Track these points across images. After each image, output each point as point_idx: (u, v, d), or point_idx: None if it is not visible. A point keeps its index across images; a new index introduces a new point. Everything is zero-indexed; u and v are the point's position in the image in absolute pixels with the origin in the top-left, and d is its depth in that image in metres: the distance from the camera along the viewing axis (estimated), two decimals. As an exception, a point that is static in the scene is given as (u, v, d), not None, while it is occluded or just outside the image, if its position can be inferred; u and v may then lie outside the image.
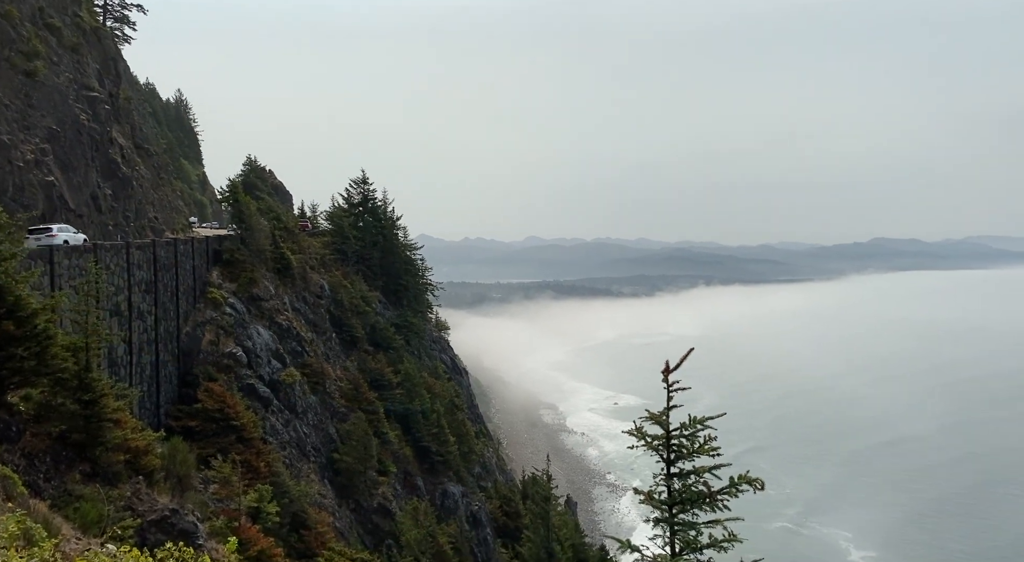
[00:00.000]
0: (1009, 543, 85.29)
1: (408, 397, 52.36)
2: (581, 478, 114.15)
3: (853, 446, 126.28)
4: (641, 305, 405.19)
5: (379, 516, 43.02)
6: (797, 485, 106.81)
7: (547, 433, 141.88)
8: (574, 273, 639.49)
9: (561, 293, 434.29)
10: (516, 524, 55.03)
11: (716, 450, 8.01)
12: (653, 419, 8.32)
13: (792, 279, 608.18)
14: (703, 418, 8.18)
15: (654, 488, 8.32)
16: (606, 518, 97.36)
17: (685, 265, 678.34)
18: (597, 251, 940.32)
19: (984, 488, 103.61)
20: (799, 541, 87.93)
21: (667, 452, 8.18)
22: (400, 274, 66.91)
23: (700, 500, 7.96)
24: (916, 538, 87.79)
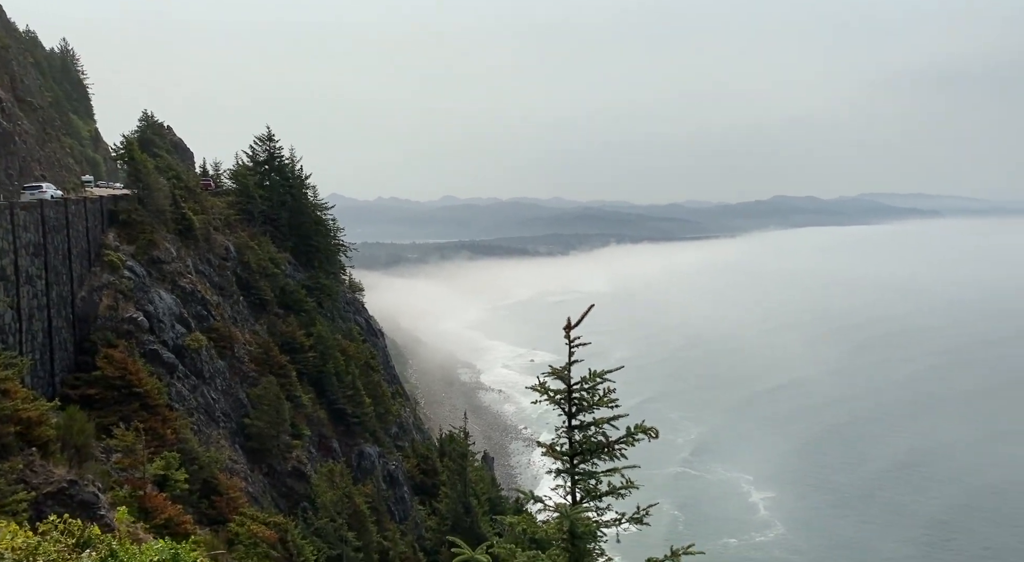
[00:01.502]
0: (877, 471, 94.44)
1: (321, 360, 51.68)
2: (498, 434, 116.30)
3: (748, 392, 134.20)
4: (556, 264, 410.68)
5: (293, 479, 42.67)
6: (701, 432, 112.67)
7: (465, 391, 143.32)
8: (490, 233, 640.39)
9: (477, 253, 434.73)
10: (433, 481, 55.71)
11: (615, 402, 8.32)
12: (555, 374, 8.55)
13: (699, 236, 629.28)
14: (602, 372, 8.46)
15: (556, 440, 8.59)
16: (522, 471, 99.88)
17: (598, 224, 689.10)
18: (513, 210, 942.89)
19: (857, 425, 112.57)
20: (704, 485, 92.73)
21: (568, 406, 8.44)
22: (311, 235, 65.29)
23: (599, 450, 8.28)
24: (805, 473, 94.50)
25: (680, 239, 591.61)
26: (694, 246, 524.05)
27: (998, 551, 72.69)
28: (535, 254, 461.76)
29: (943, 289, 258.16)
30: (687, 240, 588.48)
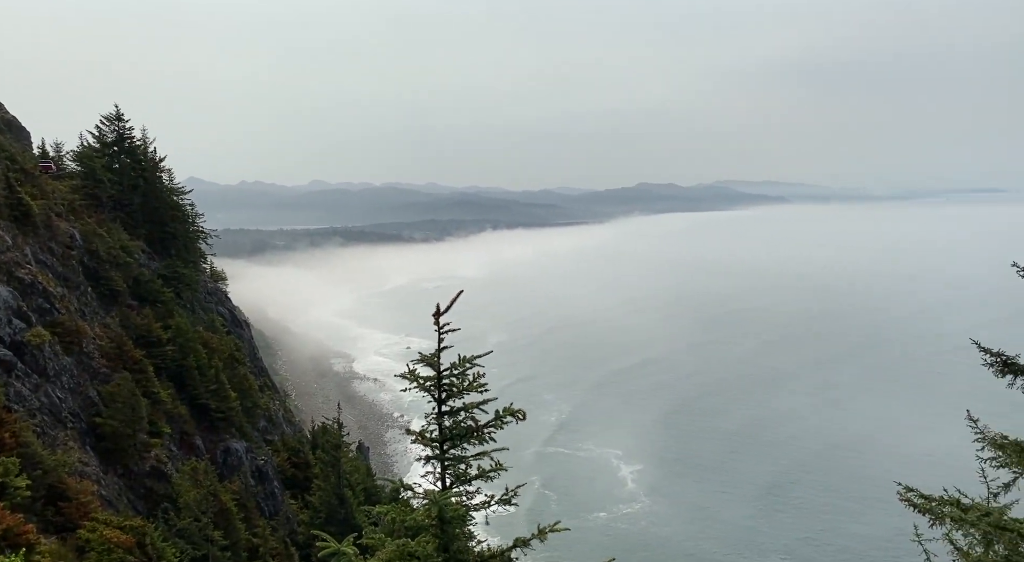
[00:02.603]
0: (726, 439, 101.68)
1: (181, 354, 48.87)
2: (374, 423, 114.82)
3: (613, 369, 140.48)
4: (432, 250, 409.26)
5: (153, 480, 40.24)
6: (570, 410, 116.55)
7: (338, 381, 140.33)
8: (363, 218, 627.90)
9: (350, 239, 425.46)
10: (306, 475, 54.24)
11: (484, 386, 8.37)
12: (425, 361, 8.49)
13: (570, 222, 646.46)
14: (472, 357, 8.49)
15: (426, 427, 8.55)
16: (399, 459, 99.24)
17: (473, 210, 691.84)
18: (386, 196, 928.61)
19: (708, 398, 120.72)
20: (574, 462, 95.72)
21: (438, 392, 8.41)
22: (167, 221, 61.35)
23: (469, 435, 8.32)
24: (666, 445, 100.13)
25: (552, 225, 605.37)
26: (565, 231, 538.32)
27: (832, 505, 79.97)
28: (410, 240, 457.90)
29: (786, 269, 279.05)
30: (559, 226, 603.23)
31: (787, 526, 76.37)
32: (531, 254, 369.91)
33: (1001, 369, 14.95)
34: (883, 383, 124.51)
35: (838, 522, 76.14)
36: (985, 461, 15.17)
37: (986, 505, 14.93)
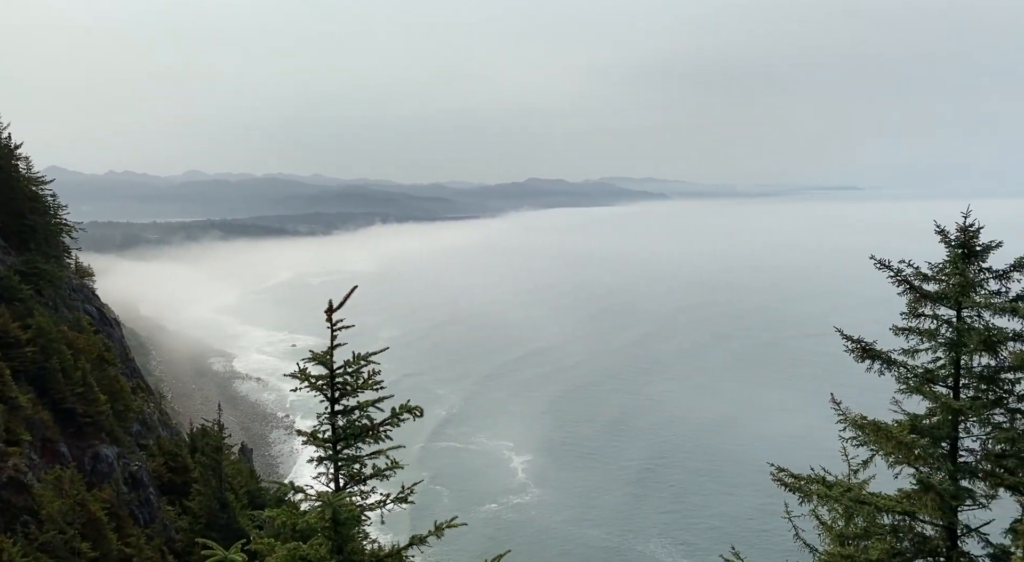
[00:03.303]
0: (608, 425, 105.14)
1: (43, 355, 45.32)
2: (257, 424, 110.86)
3: (503, 360, 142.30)
4: (318, 243, 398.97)
5: (11, 492, 37.14)
6: (463, 403, 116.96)
7: (218, 382, 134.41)
8: (244, 211, 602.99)
9: (230, 233, 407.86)
10: (184, 479, 51.62)
11: (380, 384, 8.25)
12: (317, 359, 8.27)
13: (460, 216, 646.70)
14: (367, 354, 8.34)
15: (318, 427, 8.33)
16: (285, 460, 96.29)
17: (362, 203, 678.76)
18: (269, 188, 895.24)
19: (592, 386, 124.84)
20: (468, 456, 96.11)
21: (331, 391, 8.22)
22: (24, 213, 56.67)
23: (364, 434, 8.18)
24: (554, 434, 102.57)
25: (443, 219, 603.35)
26: (456, 225, 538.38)
27: (703, 486, 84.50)
28: (295, 234, 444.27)
29: (665, 262, 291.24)
30: (450, 219, 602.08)
31: (662, 507, 79.81)
32: (422, 248, 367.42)
33: (861, 355, 16.16)
34: (749, 368, 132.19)
35: (709, 501, 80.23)
36: (846, 440, 16.38)
37: (847, 481, 16.14)
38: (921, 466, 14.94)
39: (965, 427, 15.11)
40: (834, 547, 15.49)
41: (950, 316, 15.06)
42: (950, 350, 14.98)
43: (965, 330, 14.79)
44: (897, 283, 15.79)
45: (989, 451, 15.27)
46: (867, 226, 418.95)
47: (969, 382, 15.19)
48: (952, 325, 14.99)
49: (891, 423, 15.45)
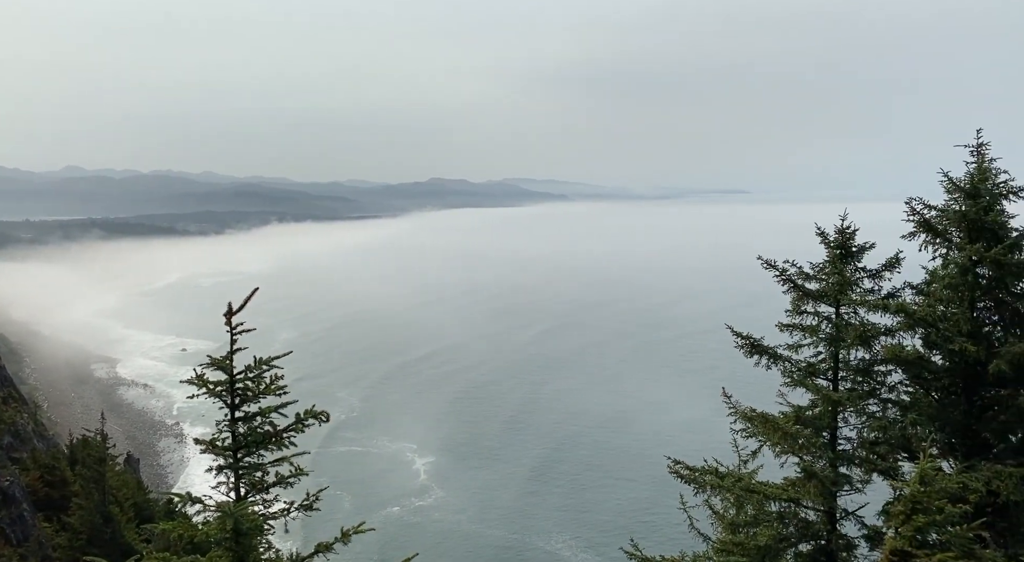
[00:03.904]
0: (508, 422, 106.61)
1: (-102, 364, 41.46)
2: (144, 432, 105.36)
3: (404, 360, 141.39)
4: (210, 243, 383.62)
5: None
6: (365, 405, 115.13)
7: (101, 389, 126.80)
8: (128, 209, 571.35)
9: (113, 232, 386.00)
10: (63, 493, 48.41)
11: (283, 389, 8.03)
12: (216, 364, 7.97)
13: (361, 216, 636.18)
14: (269, 358, 8.11)
15: (217, 435, 8.03)
16: (175, 469, 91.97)
17: (256, 201, 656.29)
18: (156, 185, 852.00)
19: (492, 385, 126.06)
20: (371, 460, 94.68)
21: (231, 397, 7.94)
22: None
23: (266, 441, 7.95)
24: (456, 433, 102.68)
25: (343, 218, 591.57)
26: (357, 225, 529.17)
27: (598, 480, 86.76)
28: (185, 233, 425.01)
29: (566, 262, 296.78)
30: (350, 219, 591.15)
31: (563, 503, 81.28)
32: (321, 248, 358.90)
33: (750, 350, 17.04)
34: (645, 365, 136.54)
35: (608, 495, 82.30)
36: (737, 432, 17.22)
37: (738, 472, 16.97)
38: (804, 455, 15.90)
39: (843, 417, 16.19)
40: (726, 535, 16.26)
41: (830, 313, 16.11)
42: (830, 345, 16.02)
43: (843, 326, 15.85)
44: (782, 282, 16.74)
45: (864, 439, 16.43)
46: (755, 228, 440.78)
47: (847, 375, 16.30)
48: (831, 321, 16.03)
49: (777, 415, 16.36)
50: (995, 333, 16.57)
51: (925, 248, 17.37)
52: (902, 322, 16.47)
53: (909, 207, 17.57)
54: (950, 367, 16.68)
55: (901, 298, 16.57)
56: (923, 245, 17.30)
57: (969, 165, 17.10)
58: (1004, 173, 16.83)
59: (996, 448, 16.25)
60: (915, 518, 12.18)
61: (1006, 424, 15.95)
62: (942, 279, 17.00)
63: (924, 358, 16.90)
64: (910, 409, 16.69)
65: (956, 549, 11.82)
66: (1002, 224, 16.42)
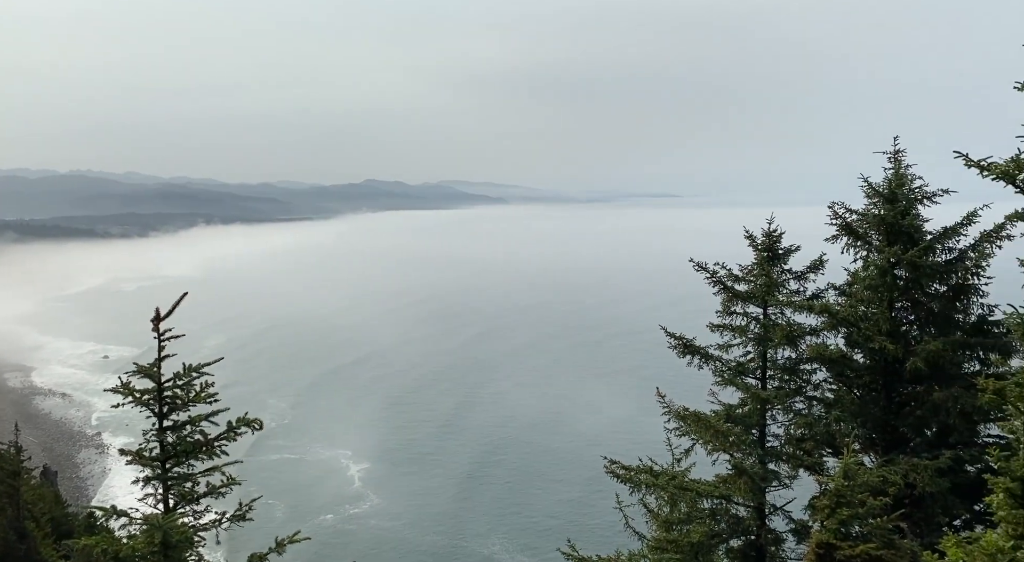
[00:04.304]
0: (441, 426, 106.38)
1: None
2: (62, 444, 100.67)
3: (336, 365, 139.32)
4: (133, 246, 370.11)
5: None
6: (297, 413, 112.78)
7: (15, 399, 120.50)
8: (44, 211, 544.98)
9: (27, 235, 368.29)
10: (-26, 511, 45.85)
11: (214, 397, 7.80)
12: (142, 372, 7.67)
13: (293, 218, 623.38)
14: (200, 365, 7.85)
15: (144, 445, 7.73)
16: (96, 482, 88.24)
17: (182, 203, 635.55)
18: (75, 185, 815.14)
19: (423, 389, 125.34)
20: (304, 467, 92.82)
21: (159, 406, 7.65)
22: None
23: (196, 450, 7.69)
24: (390, 439, 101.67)
25: (275, 220, 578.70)
26: (290, 227, 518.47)
27: (533, 481, 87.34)
28: (106, 236, 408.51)
29: (501, 264, 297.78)
30: (282, 221, 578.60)
31: (499, 506, 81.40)
32: (250, 251, 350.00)
33: (682, 350, 17.44)
34: (578, 366, 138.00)
35: (543, 497, 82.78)
36: (671, 431, 17.58)
37: (672, 470, 17.33)
38: (735, 452, 16.37)
39: (771, 415, 16.75)
40: (660, 533, 16.59)
41: (758, 313, 16.65)
42: (758, 344, 16.56)
43: (770, 326, 16.41)
44: (713, 284, 17.22)
45: (791, 436, 17.02)
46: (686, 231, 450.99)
47: (774, 373, 16.87)
48: (760, 322, 16.57)
49: (709, 414, 16.80)
50: (912, 332, 17.41)
51: (847, 250, 18.16)
52: (826, 322, 17.16)
53: (832, 211, 18.33)
54: (871, 365, 17.44)
55: (825, 299, 17.28)
56: (845, 248, 18.09)
57: (887, 171, 17.98)
58: (919, 179, 17.75)
59: (913, 442, 17.06)
60: (839, 511, 12.68)
61: (922, 419, 16.76)
62: (863, 280, 17.78)
63: (846, 356, 17.64)
64: (834, 406, 17.40)
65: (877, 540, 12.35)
66: (917, 227, 17.31)
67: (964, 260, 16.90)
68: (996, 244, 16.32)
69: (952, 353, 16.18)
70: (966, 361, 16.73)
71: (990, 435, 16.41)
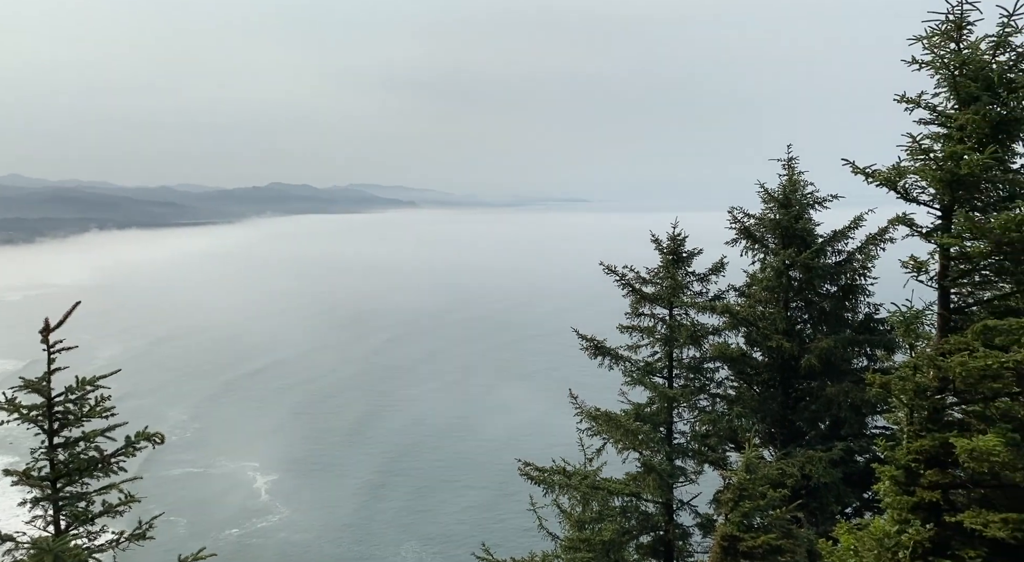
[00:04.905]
0: (352, 434, 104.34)
1: None
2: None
3: (241, 374, 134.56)
4: (18, 253, 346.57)
5: None
6: (200, 424, 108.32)
7: None
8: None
9: None
10: None
11: (110, 410, 7.39)
12: (30, 386, 7.20)
13: (195, 222, 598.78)
14: (94, 378, 7.44)
15: (32, 464, 7.25)
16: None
17: (73, 207, 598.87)
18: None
19: (336, 396, 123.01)
20: (209, 481, 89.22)
21: (49, 422, 7.20)
22: None
23: (91, 467, 7.27)
24: (299, 448, 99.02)
25: (175, 225, 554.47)
26: (191, 232, 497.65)
27: (446, 483, 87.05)
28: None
29: (412, 268, 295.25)
30: (183, 226, 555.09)
31: (412, 512, 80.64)
32: (149, 258, 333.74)
33: (594, 352, 17.82)
34: (490, 369, 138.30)
35: (456, 501, 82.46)
36: (583, 431, 17.91)
37: (584, 469, 17.65)
38: (644, 450, 16.85)
39: (678, 412, 17.34)
40: (573, 532, 16.88)
41: (664, 314, 17.22)
42: (665, 344, 17.13)
43: (676, 326, 17.00)
44: (622, 286, 17.70)
45: (696, 432, 17.68)
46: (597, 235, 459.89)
47: (680, 372, 17.48)
48: (666, 322, 17.15)
49: (619, 413, 17.24)
50: (806, 330, 18.43)
51: (746, 253, 19.08)
52: (727, 322, 17.94)
53: (731, 216, 19.21)
54: (769, 363, 18.35)
55: (726, 300, 18.07)
56: (744, 250, 19.00)
57: (781, 177, 18.96)
58: (811, 185, 18.82)
59: (808, 435, 18.03)
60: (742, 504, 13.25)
61: (816, 413, 17.75)
62: (760, 282, 18.70)
63: (747, 355, 18.50)
64: (736, 402, 18.20)
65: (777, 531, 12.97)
66: (810, 231, 18.36)
67: (852, 262, 18.05)
68: (880, 246, 17.52)
69: (842, 350, 17.23)
70: (855, 357, 17.84)
71: (877, 426, 17.53)
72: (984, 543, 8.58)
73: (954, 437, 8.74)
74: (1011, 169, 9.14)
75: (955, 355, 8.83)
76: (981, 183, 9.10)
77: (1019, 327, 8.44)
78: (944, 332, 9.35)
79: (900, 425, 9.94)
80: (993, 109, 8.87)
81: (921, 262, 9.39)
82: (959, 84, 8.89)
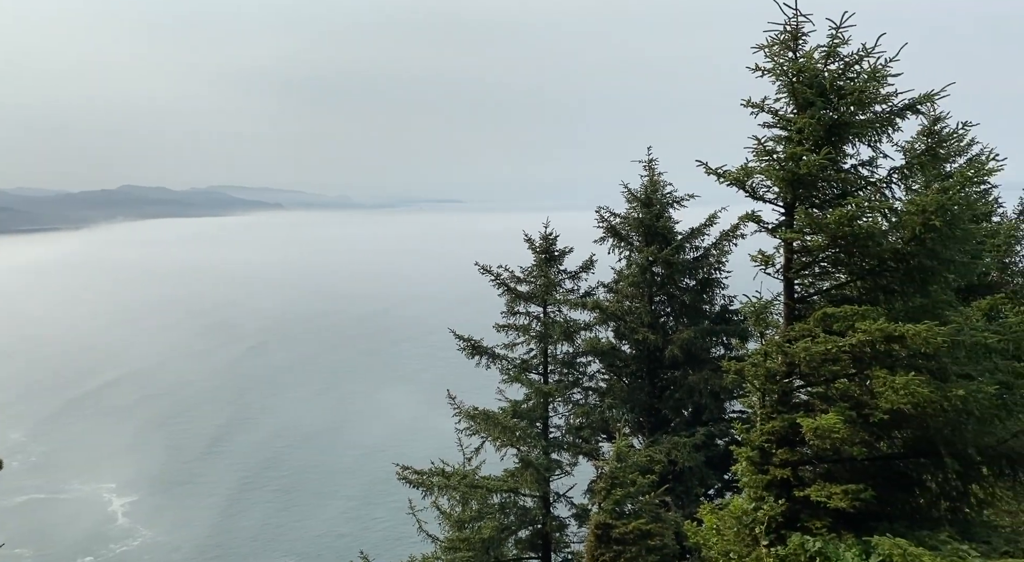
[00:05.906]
0: (216, 445, 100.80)
1: None
2: None
3: (91, 390, 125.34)
4: None
5: None
6: (45, 446, 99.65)
7: None
8: None
9: None
10: None
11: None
12: None
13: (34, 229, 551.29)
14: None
15: None
16: None
17: None
18: None
19: (196, 408, 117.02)
20: (57, 507, 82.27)
21: None
22: None
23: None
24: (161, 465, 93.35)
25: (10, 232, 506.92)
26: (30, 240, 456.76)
27: (319, 492, 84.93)
28: None
29: (277, 273, 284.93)
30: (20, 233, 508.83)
31: (284, 524, 77.94)
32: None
33: (471, 352, 17.93)
34: (360, 374, 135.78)
35: (331, 510, 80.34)
36: (462, 431, 17.97)
37: (463, 469, 17.70)
38: (521, 446, 17.13)
39: (553, 407, 17.78)
40: (453, 533, 16.91)
41: (539, 312, 17.61)
42: (540, 341, 17.51)
43: (550, 323, 17.41)
44: (497, 285, 17.91)
45: (571, 425, 18.18)
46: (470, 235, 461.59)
47: (555, 368, 17.92)
48: (540, 320, 17.53)
49: (497, 411, 17.43)
50: (669, 323, 19.38)
51: (613, 251, 19.83)
52: (597, 317, 18.56)
53: (599, 215, 19.90)
54: (636, 355, 19.16)
55: (596, 296, 18.72)
56: (611, 248, 19.74)
57: (643, 178, 19.84)
58: (669, 185, 19.80)
59: (674, 422, 18.95)
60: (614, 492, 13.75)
61: (680, 401, 18.70)
62: (627, 278, 19.50)
63: (616, 348, 19.22)
64: (607, 394, 18.89)
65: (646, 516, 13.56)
66: (670, 229, 19.33)
67: (708, 257, 19.18)
68: (733, 242, 18.72)
69: (701, 340, 18.26)
70: (713, 346, 18.96)
71: (735, 411, 18.69)
72: (828, 514, 9.32)
73: (801, 417, 9.45)
74: (843, 169, 9.98)
75: (800, 341, 9.54)
76: (818, 182, 9.89)
77: (853, 313, 9.24)
78: (790, 320, 10.07)
79: (754, 408, 10.62)
80: (826, 113, 9.66)
81: (768, 256, 10.06)
82: (797, 90, 9.61)
